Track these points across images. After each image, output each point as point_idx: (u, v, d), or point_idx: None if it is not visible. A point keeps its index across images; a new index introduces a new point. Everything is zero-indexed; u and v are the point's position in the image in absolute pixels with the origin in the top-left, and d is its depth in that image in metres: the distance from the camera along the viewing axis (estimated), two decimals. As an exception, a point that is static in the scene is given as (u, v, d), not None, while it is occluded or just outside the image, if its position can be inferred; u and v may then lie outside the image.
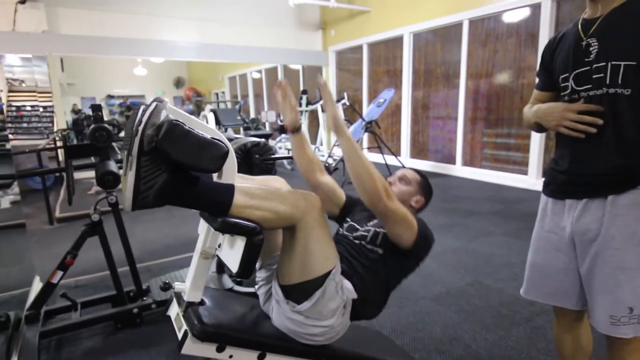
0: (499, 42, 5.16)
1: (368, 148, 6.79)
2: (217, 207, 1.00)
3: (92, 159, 2.17)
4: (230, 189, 1.01)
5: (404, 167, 1.61)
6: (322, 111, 7.19)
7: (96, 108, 1.76)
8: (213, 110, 6.25)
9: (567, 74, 1.13)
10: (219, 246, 1.12)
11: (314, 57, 8.27)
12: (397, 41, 6.61)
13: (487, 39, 5.29)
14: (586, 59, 1.08)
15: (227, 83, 12.96)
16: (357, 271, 1.27)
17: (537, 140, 4.72)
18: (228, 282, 2.21)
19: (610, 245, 1.07)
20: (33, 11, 5.51)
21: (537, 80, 1.32)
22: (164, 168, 0.92)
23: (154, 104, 0.91)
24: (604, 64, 1.04)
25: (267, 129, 9.19)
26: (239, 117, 6.87)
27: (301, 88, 8.81)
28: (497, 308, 2.16)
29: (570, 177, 1.15)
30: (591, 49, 1.08)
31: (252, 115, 10.85)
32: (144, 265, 2.69)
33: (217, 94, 13.66)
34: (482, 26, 5.32)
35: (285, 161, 6.97)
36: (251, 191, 1.04)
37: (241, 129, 7.16)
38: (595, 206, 1.09)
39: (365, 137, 6.56)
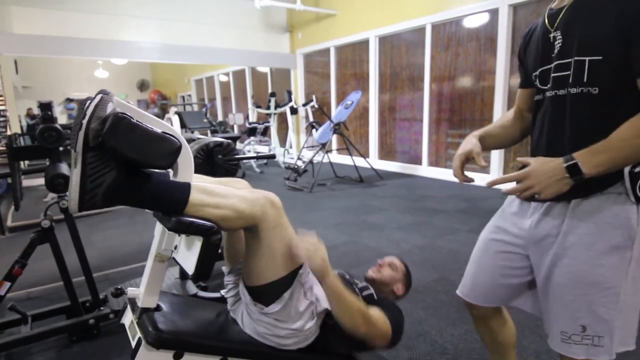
0: (460, 46, 5.31)
1: (337, 150, 6.81)
2: (172, 206, 0.95)
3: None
4: (186, 187, 0.96)
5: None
6: (291, 114, 7.17)
7: (45, 107, 1.65)
8: (178, 113, 6.10)
9: (536, 72, 1.04)
10: (175, 248, 1.07)
11: (281, 60, 8.24)
12: (364, 44, 6.69)
13: (449, 43, 5.43)
14: (552, 55, 0.98)
15: (193, 86, 12.73)
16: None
17: (496, 156, 4.90)
18: (192, 288, 2.13)
19: (567, 254, 0.96)
20: (-19, 9, 5.23)
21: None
22: (113, 165, 0.86)
23: (99, 96, 0.85)
24: (568, 60, 0.93)
25: (236, 132, 9.08)
26: (205, 120, 6.74)
27: (269, 90, 8.76)
28: (463, 303, 2.19)
29: None
30: (556, 43, 0.97)
31: (220, 118, 10.69)
32: (102, 274, 2.57)
33: (183, 97, 13.39)
34: (444, 30, 5.46)
35: (254, 164, 6.90)
36: (209, 189, 1.00)
37: (208, 132, 7.03)
38: (558, 211, 0.99)
39: (335, 139, 6.58)
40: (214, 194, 0.99)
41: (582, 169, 0.84)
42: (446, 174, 5.61)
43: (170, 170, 1.01)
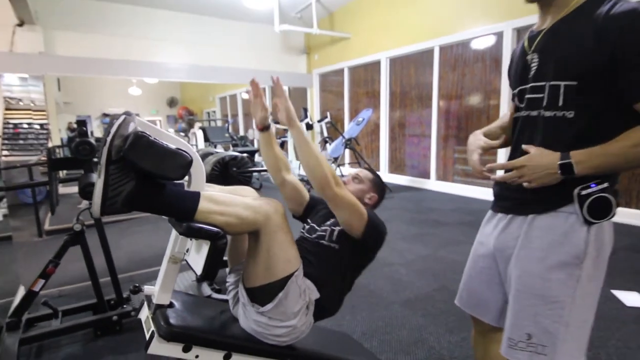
0: (467, 67, 5.32)
1: (349, 163, 6.85)
2: (183, 213, 1.00)
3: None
4: (195, 196, 1.02)
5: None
6: (307, 129, 7.25)
7: (81, 123, 1.76)
8: (202, 128, 6.26)
9: (515, 90, 1.04)
10: (187, 251, 1.13)
11: (299, 79, 8.38)
12: (375, 65, 6.75)
13: (456, 64, 5.44)
14: (528, 76, 0.97)
15: (218, 103, 12.99)
16: (315, 268, 1.25)
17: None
18: (207, 290, 2.19)
19: (519, 266, 0.97)
20: (30, 33, 5.51)
21: None
22: (132, 176, 0.93)
23: (123, 117, 0.92)
24: (542, 83, 0.92)
25: (255, 146, 9.22)
26: (227, 135, 6.89)
27: (287, 108, 8.89)
28: (461, 312, 2.11)
29: (503, 192, 1.06)
30: (532, 65, 0.96)
31: (242, 133, 10.87)
32: (127, 275, 2.65)
33: (208, 113, 13.66)
34: (452, 52, 5.48)
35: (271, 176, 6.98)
36: (216, 198, 1.05)
37: (230, 146, 7.17)
38: (517, 224, 0.99)
39: (347, 153, 6.62)
40: (220, 203, 1.04)
41: (575, 169, 0.85)
42: (453, 188, 5.57)
43: (185, 180, 1.08)
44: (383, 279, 2.65)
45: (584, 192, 0.87)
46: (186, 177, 1.07)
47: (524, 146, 0.94)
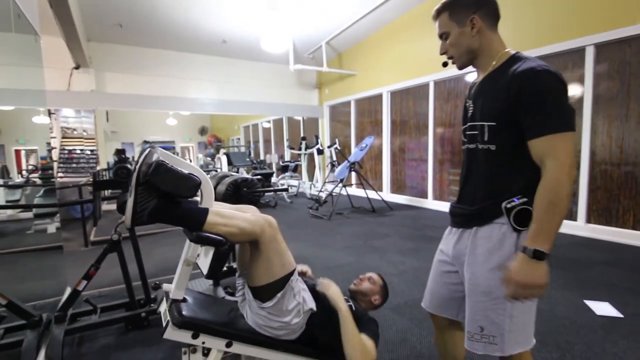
0: (458, 99, 5.42)
1: (355, 184, 6.94)
2: (194, 224, 1.13)
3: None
4: (205, 210, 1.15)
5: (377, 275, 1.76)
6: (318, 154, 7.42)
7: (120, 152, 1.94)
8: (226, 154, 6.49)
9: (462, 128, 1.16)
10: (198, 256, 1.25)
11: (312, 111, 8.58)
12: (378, 98, 6.91)
13: (449, 96, 5.55)
14: (467, 117, 1.11)
15: (242, 131, 13.34)
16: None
17: None
18: (221, 293, 2.30)
19: (469, 270, 1.05)
20: (84, 75, 5.89)
21: None
22: (155, 195, 1.07)
23: (148, 149, 1.08)
24: (475, 123, 1.05)
25: (274, 169, 9.44)
26: (248, 159, 7.10)
27: (301, 135, 9.11)
28: (428, 315, 2.21)
29: (455, 210, 1.17)
30: (469, 109, 1.10)
31: (262, 157, 11.12)
32: (156, 279, 2.77)
33: (234, 140, 14.04)
34: (445, 86, 5.60)
35: (285, 195, 7.13)
36: (221, 213, 1.18)
37: (251, 169, 7.37)
38: (466, 236, 1.09)
39: (353, 175, 6.72)
40: (224, 216, 1.17)
41: (544, 250, 0.89)
42: (448, 207, 5.55)
43: (198, 198, 1.22)
44: (377, 286, 2.70)
45: (509, 205, 0.97)
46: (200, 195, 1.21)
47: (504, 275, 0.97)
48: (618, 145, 3.69)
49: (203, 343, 1.20)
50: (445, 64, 1.14)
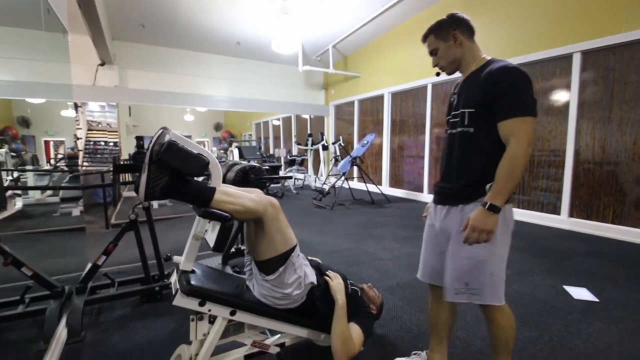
0: (454, 100, 5.36)
1: (357, 177, 6.93)
2: (202, 200, 1.14)
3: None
4: (212, 189, 1.16)
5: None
6: (323, 150, 7.41)
7: (139, 139, 1.96)
8: (238, 147, 6.50)
9: (446, 118, 1.30)
10: (206, 231, 1.26)
11: (318, 109, 8.57)
12: (380, 98, 6.87)
13: (445, 98, 5.49)
14: (452, 108, 1.26)
15: (254, 127, 13.36)
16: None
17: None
18: (229, 271, 2.32)
19: (457, 240, 1.16)
20: (109, 71, 5.92)
21: None
22: (166, 172, 1.08)
23: (160, 130, 1.08)
24: (459, 111, 1.18)
25: (282, 162, 9.46)
26: (258, 153, 7.12)
27: (308, 132, 9.10)
28: (427, 286, 2.22)
29: (440, 190, 1.28)
30: (454, 102, 1.24)
31: (271, 151, 11.14)
32: (170, 255, 2.80)
33: (246, 136, 14.07)
34: (442, 88, 5.56)
35: (292, 187, 7.14)
36: (228, 192, 1.20)
37: (261, 162, 7.38)
38: (453, 212, 1.20)
39: (355, 169, 6.71)
40: (230, 195, 1.18)
41: (498, 205, 1.06)
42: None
43: (208, 178, 1.22)
44: (373, 269, 2.71)
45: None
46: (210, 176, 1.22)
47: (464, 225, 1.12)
48: (600, 146, 3.65)
49: (209, 311, 1.21)
50: (438, 74, 1.32)
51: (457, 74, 1.27)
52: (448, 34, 1.21)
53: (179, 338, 1.72)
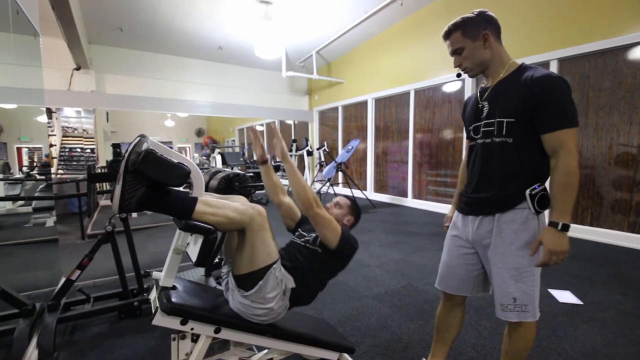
0: (436, 107, 5.46)
1: (342, 183, 6.92)
2: (183, 212, 1.07)
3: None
4: (193, 200, 1.09)
5: (347, 196, 1.68)
6: (307, 155, 7.37)
7: (116, 146, 1.86)
8: (220, 153, 6.38)
9: (470, 127, 1.22)
10: (188, 244, 1.19)
11: (302, 115, 8.54)
12: (363, 104, 6.91)
13: (428, 104, 5.58)
14: (481, 116, 1.16)
15: (237, 133, 13.19)
16: (299, 266, 1.29)
17: None
18: (212, 283, 2.23)
19: (497, 251, 1.12)
20: (85, 75, 5.70)
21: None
22: (144, 183, 1.00)
23: (138, 138, 1.01)
24: (492, 120, 1.11)
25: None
26: (241, 159, 7.01)
27: (292, 137, 9.05)
28: (421, 304, 2.20)
29: (471, 200, 1.21)
30: (484, 109, 1.15)
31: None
32: (150, 271, 2.69)
33: (229, 142, 13.87)
34: (424, 95, 5.63)
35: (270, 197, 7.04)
36: (210, 202, 1.12)
37: (245, 168, 7.27)
38: (487, 221, 1.15)
39: (340, 175, 6.70)
40: (213, 206, 1.11)
41: (568, 223, 1.01)
42: (426, 205, 5.61)
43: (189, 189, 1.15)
44: (360, 277, 2.67)
45: (533, 192, 1.07)
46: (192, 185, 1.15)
47: (532, 246, 1.07)
48: (577, 151, 3.76)
49: (192, 329, 1.14)
50: (459, 75, 1.23)
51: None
52: (478, 33, 1.11)
53: (160, 356, 1.62)
